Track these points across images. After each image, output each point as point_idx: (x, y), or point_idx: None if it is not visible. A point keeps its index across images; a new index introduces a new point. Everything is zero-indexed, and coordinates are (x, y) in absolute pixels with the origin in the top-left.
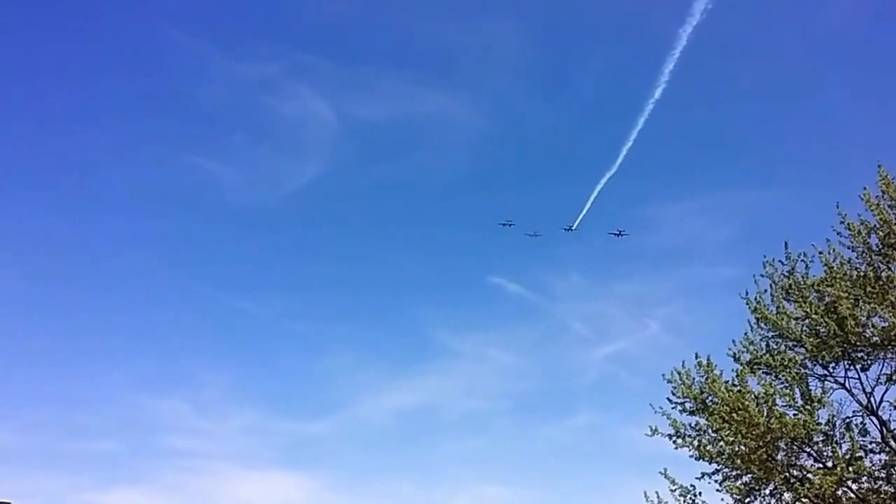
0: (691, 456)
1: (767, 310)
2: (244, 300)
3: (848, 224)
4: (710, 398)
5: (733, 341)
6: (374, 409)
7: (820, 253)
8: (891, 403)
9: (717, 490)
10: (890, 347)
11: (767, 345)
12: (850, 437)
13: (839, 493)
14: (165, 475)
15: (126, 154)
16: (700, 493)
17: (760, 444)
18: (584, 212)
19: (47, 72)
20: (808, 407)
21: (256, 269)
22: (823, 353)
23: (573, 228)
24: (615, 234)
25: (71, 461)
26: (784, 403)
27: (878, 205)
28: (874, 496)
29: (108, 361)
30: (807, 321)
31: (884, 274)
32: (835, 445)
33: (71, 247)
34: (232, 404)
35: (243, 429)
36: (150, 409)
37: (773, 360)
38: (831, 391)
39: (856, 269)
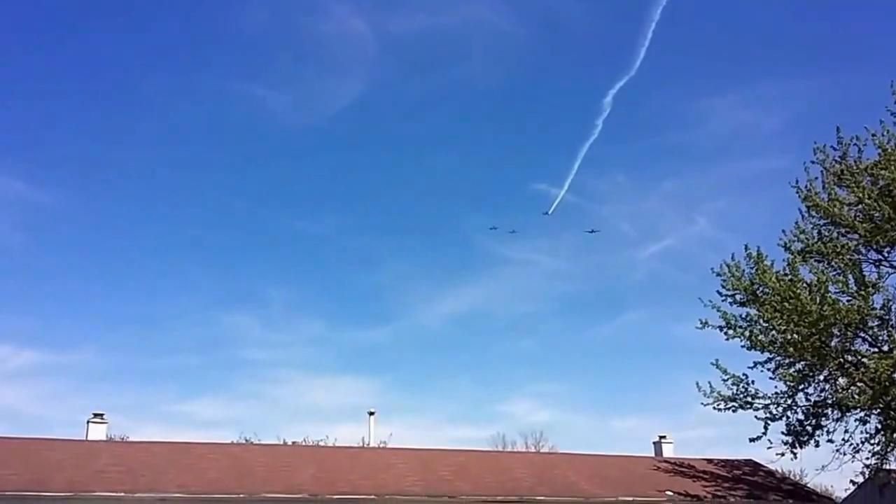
0: (743, 346)
1: (819, 197)
2: (300, 219)
3: None
4: (760, 289)
5: (783, 231)
6: (429, 315)
7: (873, 135)
8: None
9: (770, 378)
10: None
11: (819, 233)
12: None
13: (895, 376)
14: (241, 384)
15: (185, 89)
16: (753, 382)
17: (813, 331)
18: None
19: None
20: (862, 292)
21: (310, 188)
22: (878, 237)
23: (550, 213)
24: (589, 232)
25: (154, 376)
26: (837, 290)
27: None
28: None
29: (183, 283)
30: (860, 206)
31: None
32: (890, 329)
33: (147, 182)
34: (297, 317)
35: (309, 339)
36: (224, 325)
37: (826, 247)
38: (887, 276)
39: None
